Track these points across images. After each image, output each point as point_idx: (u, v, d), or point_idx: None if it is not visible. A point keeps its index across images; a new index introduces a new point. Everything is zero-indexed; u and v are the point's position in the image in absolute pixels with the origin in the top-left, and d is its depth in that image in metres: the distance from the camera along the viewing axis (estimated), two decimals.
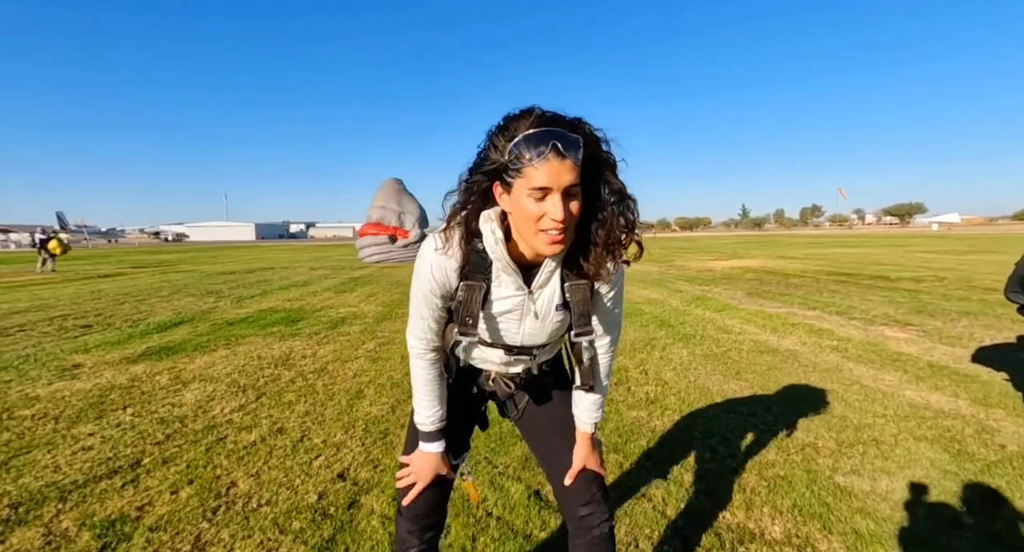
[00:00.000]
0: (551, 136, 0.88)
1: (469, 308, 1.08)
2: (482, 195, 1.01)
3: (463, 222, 1.03)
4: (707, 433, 2.74)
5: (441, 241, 1.05)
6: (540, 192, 0.90)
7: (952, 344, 4.59)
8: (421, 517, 1.20)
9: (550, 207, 0.90)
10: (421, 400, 1.20)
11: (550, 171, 0.88)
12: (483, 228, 1.03)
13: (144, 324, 6.18)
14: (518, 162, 0.89)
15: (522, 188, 0.91)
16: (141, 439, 2.77)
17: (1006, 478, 2.25)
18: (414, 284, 1.11)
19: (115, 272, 15.20)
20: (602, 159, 0.97)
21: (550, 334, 1.16)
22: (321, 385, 3.69)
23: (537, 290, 1.09)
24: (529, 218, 0.93)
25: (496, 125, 0.95)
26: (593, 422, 1.24)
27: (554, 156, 0.87)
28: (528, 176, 0.89)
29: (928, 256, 15.52)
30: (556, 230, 0.92)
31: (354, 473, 2.35)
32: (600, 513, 1.20)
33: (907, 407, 3.09)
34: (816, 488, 2.17)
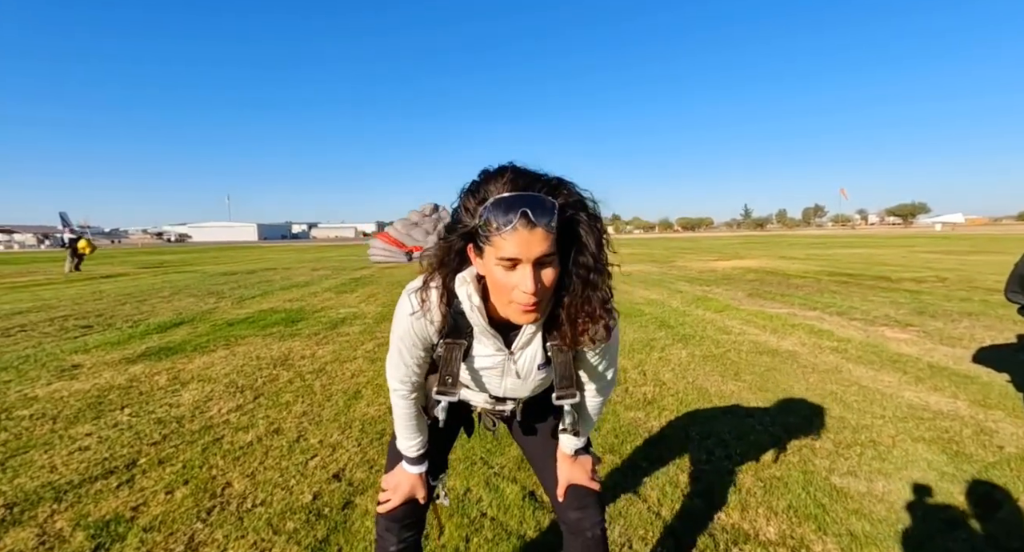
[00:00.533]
0: (521, 202, 0.81)
1: (449, 367, 1.05)
2: (458, 254, 0.96)
3: (440, 283, 0.99)
4: (704, 434, 2.73)
5: (417, 303, 1.01)
6: (510, 262, 0.84)
7: (953, 345, 4.57)
8: (398, 520, 1.20)
9: (520, 279, 0.85)
10: (403, 433, 1.19)
11: (519, 241, 0.81)
12: (459, 291, 0.99)
13: (144, 324, 6.20)
14: (487, 229, 0.84)
15: (491, 256, 0.86)
16: (138, 439, 2.77)
17: (1004, 479, 2.24)
18: (395, 336, 1.08)
19: (117, 273, 15.25)
20: (583, 223, 0.88)
21: (532, 390, 1.15)
22: (319, 385, 3.70)
23: (518, 351, 1.06)
24: (500, 287, 0.88)
25: (469, 184, 0.90)
26: (574, 448, 1.23)
27: (523, 225, 0.81)
28: (496, 245, 0.83)
29: (931, 256, 15.46)
30: (528, 303, 0.87)
31: (349, 473, 2.35)
32: (591, 517, 1.20)
33: (906, 408, 3.08)
34: (812, 489, 2.16)
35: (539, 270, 0.85)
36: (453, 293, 0.99)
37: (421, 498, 1.21)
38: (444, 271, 0.98)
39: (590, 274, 0.91)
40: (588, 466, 1.24)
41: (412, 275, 1.09)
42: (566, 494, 1.22)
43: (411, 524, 1.22)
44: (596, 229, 0.90)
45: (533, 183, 0.85)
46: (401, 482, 1.20)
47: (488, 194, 0.85)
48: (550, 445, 1.26)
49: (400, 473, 1.21)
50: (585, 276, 0.91)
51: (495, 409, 1.22)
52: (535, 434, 1.31)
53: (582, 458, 1.24)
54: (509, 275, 0.86)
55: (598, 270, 0.91)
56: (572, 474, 1.22)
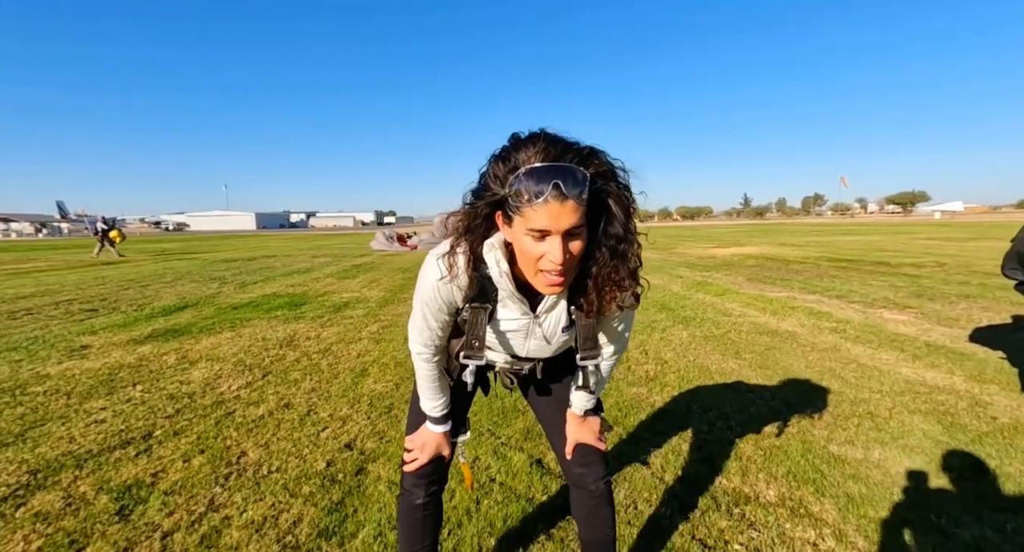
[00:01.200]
0: (553, 174, 0.80)
1: (475, 330, 1.06)
2: (486, 219, 0.95)
3: (468, 249, 0.98)
4: (705, 407, 2.80)
5: (445, 267, 1.00)
6: (539, 233, 0.85)
7: (950, 325, 4.63)
8: (425, 476, 1.26)
9: (549, 249, 0.85)
10: (427, 394, 1.21)
11: (550, 214, 0.81)
12: (487, 257, 0.98)
13: (149, 308, 6.24)
14: (517, 199, 0.83)
15: (521, 226, 0.86)
16: (152, 413, 2.83)
17: (996, 447, 2.31)
18: (419, 301, 1.08)
19: (118, 260, 15.27)
20: (613, 194, 0.88)
21: (555, 350, 1.18)
22: (326, 364, 3.75)
23: (543, 314, 1.07)
24: (528, 257, 0.89)
25: (499, 150, 0.88)
26: (584, 409, 1.26)
27: (555, 197, 0.80)
28: (527, 217, 0.83)
29: (931, 243, 15.51)
30: (554, 272, 0.88)
31: (361, 444, 2.42)
32: (595, 472, 1.26)
33: (903, 383, 3.15)
34: (811, 456, 2.23)
35: (568, 241, 0.86)
36: (480, 258, 0.99)
37: (447, 455, 1.27)
38: (471, 237, 0.98)
39: (619, 244, 0.92)
40: (596, 427, 1.28)
41: (414, 261, 1.11)
42: (573, 452, 1.27)
43: (436, 479, 1.28)
44: (625, 199, 0.90)
45: (565, 152, 0.84)
46: (427, 441, 1.24)
47: (519, 162, 0.84)
48: (562, 406, 1.31)
49: (424, 433, 1.25)
50: (614, 246, 0.92)
51: (513, 368, 1.26)
52: (549, 394, 1.35)
53: (591, 419, 1.28)
54: (538, 245, 0.86)
55: (627, 240, 0.92)
56: (580, 433, 1.27)
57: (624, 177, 0.91)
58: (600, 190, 0.87)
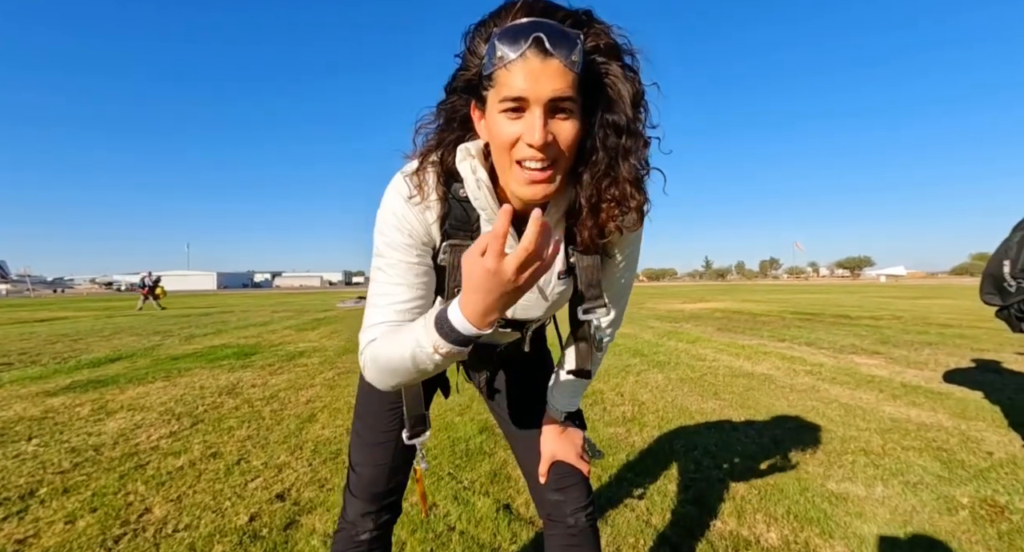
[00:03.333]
0: (534, 27, 0.62)
1: (457, 275, 0.77)
2: (461, 124, 0.76)
3: (438, 159, 0.76)
4: (689, 446, 2.54)
5: (413, 186, 0.76)
6: (514, 103, 0.64)
7: (920, 368, 4.61)
8: (381, 494, 0.98)
9: (525, 127, 0.64)
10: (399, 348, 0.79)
11: (528, 73, 0.62)
12: (460, 168, 0.75)
13: (75, 360, 5.61)
14: (491, 66, 0.64)
15: (495, 103, 0.66)
16: (41, 469, 2.36)
17: (1001, 482, 2.14)
18: (379, 245, 0.78)
19: (54, 316, 14.13)
20: (615, 75, 0.68)
21: (548, 308, 0.90)
22: (269, 411, 3.33)
23: None
24: (501, 143, 0.67)
25: (477, 21, 0.69)
26: (566, 410, 1.01)
27: (534, 53, 0.62)
28: (500, 83, 0.64)
29: (883, 300, 16.22)
30: (535, 161, 0.66)
31: (296, 493, 2.03)
32: (575, 500, 0.99)
33: (888, 421, 3.00)
34: (810, 494, 1.99)
35: (552, 119, 0.65)
36: (453, 173, 0.77)
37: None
38: (442, 145, 0.76)
39: (622, 137, 0.69)
40: (578, 441, 1.02)
41: None
42: (548, 473, 1.00)
43: (390, 505, 1.00)
44: (632, 82, 0.69)
45: (554, 12, 0.66)
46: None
47: (498, 27, 0.65)
48: (535, 416, 1.05)
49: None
50: (615, 141, 0.69)
51: (492, 340, 0.99)
52: (521, 400, 1.09)
53: (571, 431, 1.02)
54: (513, 124, 0.65)
55: (632, 132, 0.70)
56: (558, 448, 1.00)
57: (632, 60, 0.69)
58: (599, 67, 0.67)
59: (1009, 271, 2.50)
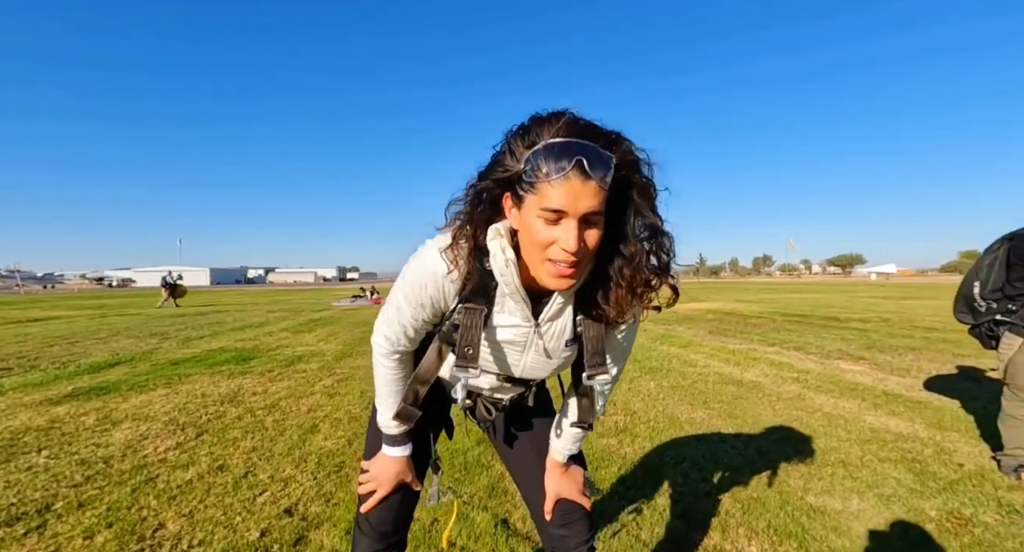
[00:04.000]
0: (577, 150, 0.72)
1: (469, 335, 0.90)
2: (492, 204, 0.85)
3: (471, 236, 0.86)
4: (678, 459, 2.67)
5: (449, 261, 0.87)
6: (554, 215, 0.74)
7: (903, 375, 4.77)
8: (388, 533, 1.07)
9: (562, 234, 0.75)
10: (386, 400, 1.04)
11: (568, 192, 0.72)
12: (491, 245, 0.85)
13: (74, 365, 5.65)
14: (533, 175, 0.74)
15: (534, 206, 0.76)
16: (55, 482, 2.44)
17: (968, 495, 2.27)
18: (401, 289, 0.93)
19: (47, 316, 14.08)
20: (638, 185, 0.81)
21: (554, 370, 1.02)
22: (271, 421, 3.42)
23: (546, 323, 0.93)
24: (537, 243, 0.78)
25: (518, 126, 0.79)
26: (568, 455, 1.11)
27: (576, 175, 0.71)
28: (542, 194, 0.74)
29: (872, 301, 16.47)
30: (565, 263, 0.77)
31: (303, 508, 2.13)
32: (578, 534, 1.09)
33: (868, 431, 3.13)
34: (790, 508, 2.12)
35: (584, 228, 0.76)
36: (482, 248, 0.86)
37: (410, 481, 1.07)
38: (475, 223, 0.85)
39: (656, 236, 0.83)
40: (579, 479, 1.13)
41: (375, 315, 0.98)
42: (553, 510, 1.10)
43: (397, 542, 1.09)
44: (651, 192, 0.82)
45: (591, 132, 0.76)
46: (383, 469, 1.06)
47: (539, 138, 0.75)
48: (539, 456, 1.15)
49: (381, 459, 1.07)
50: (652, 229, 0.83)
51: (494, 396, 1.10)
52: (524, 442, 1.19)
53: (573, 469, 1.13)
54: (550, 230, 0.76)
55: (663, 231, 0.84)
56: (561, 487, 1.10)
57: (649, 172, 0.82)
58: (624, 179, 0.79)
59: (979, 292, 2.64)
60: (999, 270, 2.55)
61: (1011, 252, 2.49)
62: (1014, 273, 2.48)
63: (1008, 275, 2.51)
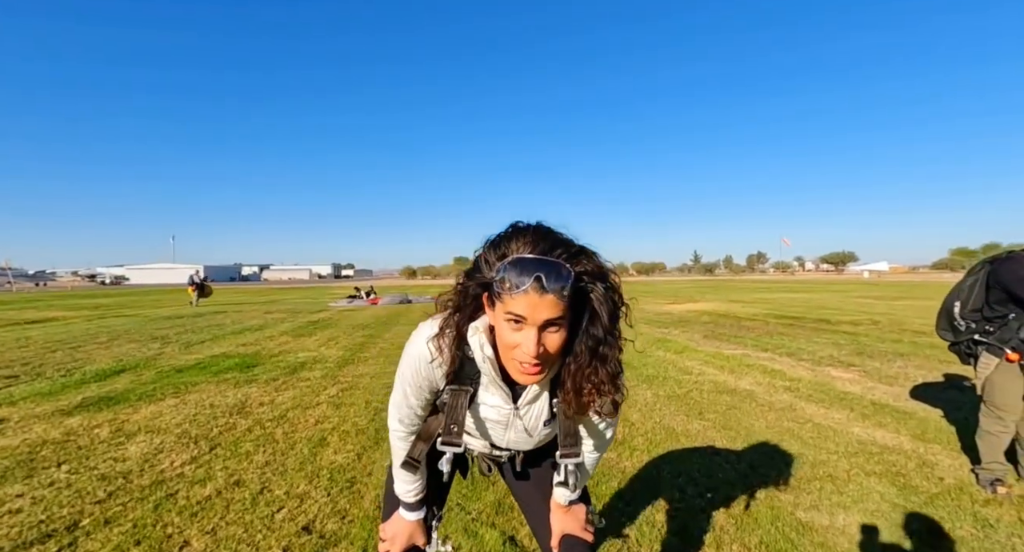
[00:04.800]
0: (536, 267, 0.81)
1: (454, 414, 1.04)
2: (475, 300, 0.96)
3: (455, 328, 0.98)
4: (675, 473, 2.80)
5: (435, 350, 0.99)
6: (516, 323, 0.85)
7: (890, 383, 4.93)
8: None
9: (523, 340, 0.85)
10: (402, 476, 1.17)
11: (528, 304, 0.82)
12: (471, 340, 0.98)
13: (80, 373, 5.74)
14: (500, 286, 0.84)
15: (502, 311, 0.86)
16: (79, 498, 2.54)
17: (947, 509, 2.41)
18: (401, 379, 1.07)
19: (43, 317, 14.08)
20: (596, 295, 0.88)
21: (536, 444, 1.15)
22: (281, 433, 3.53)
23: (524, 406, 1.05)
24: (505, 343, 0.89)
25: (494, 237, 0.91)
26: (568, 500, 1.20)
27: (535, 289, 0.81)
28: (507, 302, 0.84)
29: (864, 301, 16.70)
30: (530, 363, 0.87)
31: (320, 525, 2.25)
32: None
33: (856, 444, 3.28)
34: (780, 524, 2.25)
35: (545, 334, 0.85)
36: (464, 339, 0.99)
37: (421, 544, 1.20)
38: (459, 316, 0.98)
39: (599, 346, 0.91)
40: (582, 516, 1.23)
41: (374, 317, 1.12)
42: (560, 545, 1.20)
43: None
44: (612, 301, 0.90)
45: (554, 248, 0.86)
46: (399, 531, 1.18)
47: (509, 251, 0.86)
48: (543, 491, 1.26)
49: (398, 521, 1.19)
50: (594, 347, 0.91)
51: (492, 454, 1.22)
52: (528, 479, 1.30)
53: (575, 507, 1.23)
54: (514, 334, 0.86)
55: (608, 343, 0.91)
56: (566, 524, 1.21)
57: (614, 280, 0.92)
58: (585, 289, 0.88)
59: (959, 311, 2.78)
60: (979, 292, 2.68)
61: (990, 275, 2.62)
62: (992, 296, 2.62)
63: (987, 297, 2.65)
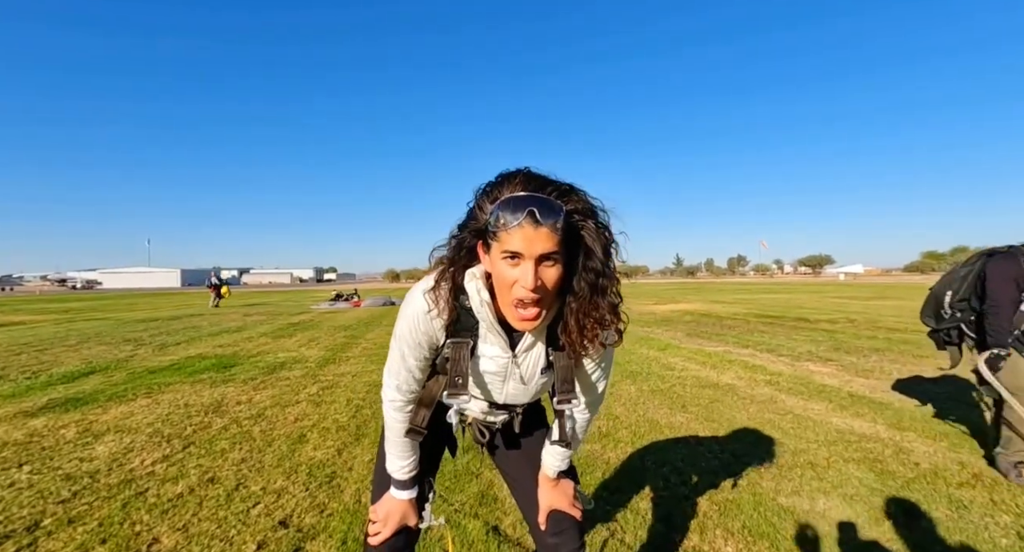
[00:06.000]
0: (529, 202, 0.85)
1: (458, 367, 1.04)
2: (469, 252, 0.98)
3: (451, 278, 0.99)
4: (659, 463, 2.80)
5: (431, 302, 1.00)
6: (513, 257, 0.87)
7: (867, 376, 5.04)
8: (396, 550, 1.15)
9: (521, 273, 0.87)
10: (395, 451, 1.15)
11: (523, 237, 0.85)
12: (468, 287, 0.99)
13: (46, 375, 5.51)
14: (496, 225, 0.87)
15: (498, 251, 0.89)
16: (40, 498, 2.42)
17: (922, 493, 2.46)
18: (399, 336, 1.06)
19: (8, 321, 13.54)
20: (588, 230, 0.91)
21: (533, 395, 1.16)
22: (259, 431, 3.43)
23: (522, 353, 1.06)
24: (503, 283, 0.90)
25: (485, 184, 0.95)
26: (557, 470, 1.21)
27: (529, 223, 0.84)
28: (503, 240, 0.87)
29: (840, 301, 17.08)
30: (528, 299, 0.89)
31: (298, 519, 2.18)
32: (569, 543, 1.18)
33: (835, 433, 3.33)
34: (762, 509, 2.26)
35: (541, 268, 0.87)
36: (461, 288, 1.00)
37: (413, 524, 1.17)
38: (454, 267, 0.99)
39: (599, 279, 0.93)
40: (570, 491, 1.23)
41: (356, 319, 1.10)
42: (547, 520, 1.20)
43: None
44: (604, 236, 0.93)
45: (544, 186, 0.89)
46: (391, 510, 1.15)
47: (500, 194, 0.89)
48: (534, 469, 1.25)
49: (389, 501, 1.16)
50: (593, 281, 0.93)
51: (487, 420, 1.21)
52: (520, 455, 1.29)
53: (564, 483, 1.23)
54: (512, 270, 0.88)
55: (606, 275, 0.94)
56: (553, 499, 1.21)
57: (604, 217, 0.94)
58: (577, 225, 0.90)
59: (950, 300, 2.85)
60: (971, 282, 2.74)
61: (986, 267, 2.68)
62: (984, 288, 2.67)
63: (977, 289, 2.71)
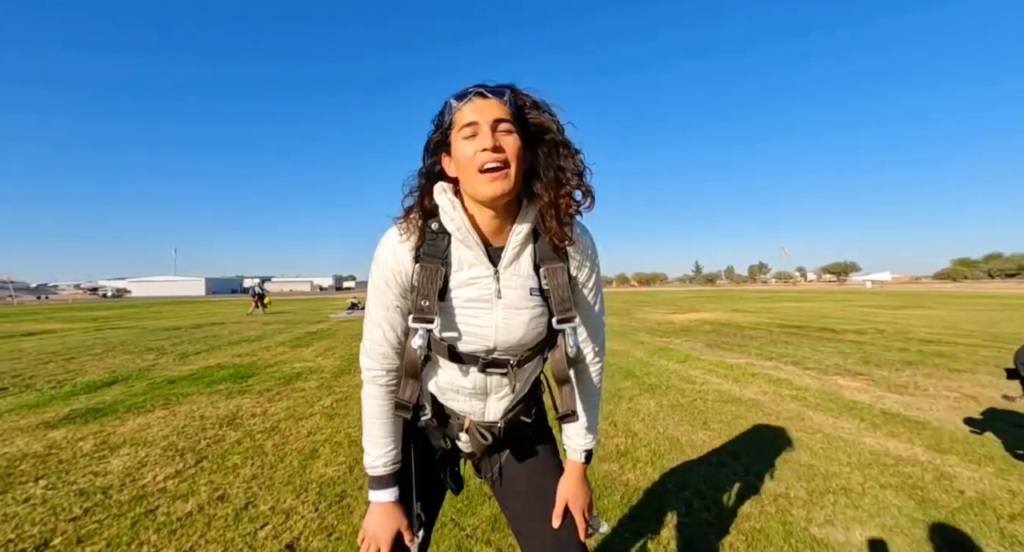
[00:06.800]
0: (476, 85, 0.94)
1: (425, 289, 0.96)
2: (436, 174, 1.02)
3: (418, 203, 1.00)
4: (680, 485, 2.67)
5: (401, 229, 1.00)
6: (470, 129, 0.92)
7: (900, 392, 4.79)
8: None
9: (480, 139, 0.91)
10: (373, 436, 1.05)
11: (474, 108, 0.92)
12: (439, 199, 0.99)
13: (71, 384, 5.61)
14: (451, 114, 0.94)
15: (457, 136, 0.94)
16: (53, 515, 2.41)
17: (970, 524, 2.28)
18: (370, 284, 1.02)
19: (41, 329, 13.96)
20: (543, 120, 0.96)
21: (527, 327, 1.00)
22: (271, 445, 3.40)
23: (505, 270, 0.99)
24: (466, 158, 0.92)
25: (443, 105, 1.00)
26: (584, 450, 1.12)
27: (477, 97, 0.92)
28: (458, 120, 0.93)
29: (867, 310, 16.54)
30: (492, 161, 0.90)
31: (305, 543, 2.12)
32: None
33: (868, 455, 3.14)
34: (793, 541, 2.12)
35: (498, 135, 0.91)
36: (430, 211, 1.00)
37: (408, 540, 1.05)
38: (421, 191, 1.01)
39: (558, 148, 0.96)
40: (586, 498, 1.12)
41: None
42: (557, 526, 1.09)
43: None
44: (554, 118, 0.97)
45: (487, 83, 0.95)
46: (378, 526, 1.04)
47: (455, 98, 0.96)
48: (537, 504, 1.14)
49: (372, 513, 1.05)
50: (553, 151, 0.96)
51: (484, 421, 1.10)
52: (522, 489, 1.18)
53: (585, 487, 1.12)
54: (471, 142, 0.92)
55: (565, 144, 0.97)
56: (571, 493, 1.10)
57: (547, 106, 0.97)
58: (527, 115, 0.96)
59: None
60: None
61: None
62: None
63: None
